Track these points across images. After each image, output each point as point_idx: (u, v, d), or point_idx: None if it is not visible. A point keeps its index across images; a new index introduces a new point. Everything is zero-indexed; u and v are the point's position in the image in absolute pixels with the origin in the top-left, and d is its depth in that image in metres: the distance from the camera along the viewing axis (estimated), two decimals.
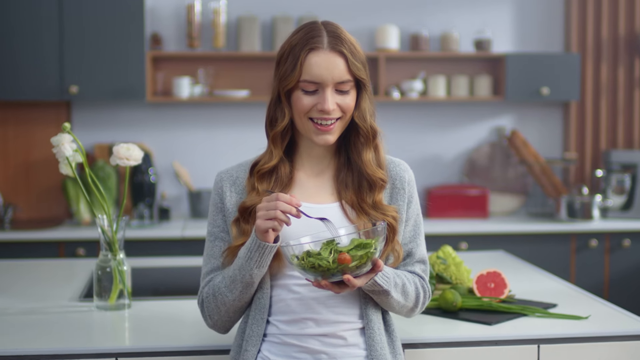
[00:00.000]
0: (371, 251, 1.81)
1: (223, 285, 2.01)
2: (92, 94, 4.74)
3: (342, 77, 2.00)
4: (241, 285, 1.97)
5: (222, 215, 2.10)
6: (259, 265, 1.93)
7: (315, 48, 1.99)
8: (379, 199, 2.04)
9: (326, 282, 1.83)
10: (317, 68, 1.98)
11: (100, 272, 2.64)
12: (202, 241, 4.43)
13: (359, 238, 1.82)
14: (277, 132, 2.08)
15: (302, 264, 1.82)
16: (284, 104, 2.05)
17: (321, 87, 2.00)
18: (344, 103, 2.01)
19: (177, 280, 3.37)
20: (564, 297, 2.80)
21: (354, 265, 1.80)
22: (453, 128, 5.35)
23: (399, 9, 5.26)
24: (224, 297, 2.01)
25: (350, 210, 2.04)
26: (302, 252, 1.83)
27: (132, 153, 2.58)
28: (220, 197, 2.11)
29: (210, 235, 2.12)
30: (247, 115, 5.20)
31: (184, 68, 5.09)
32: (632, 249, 4.88)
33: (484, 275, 2.66)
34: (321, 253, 1.81)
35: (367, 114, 2.06)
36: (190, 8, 4.95)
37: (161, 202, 4.97)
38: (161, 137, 5.15)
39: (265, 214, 1.87)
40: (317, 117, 2.00)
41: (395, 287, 1.99)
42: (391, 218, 2.02)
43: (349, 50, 2.01)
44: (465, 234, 4.73)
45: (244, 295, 2.00)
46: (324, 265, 1.80)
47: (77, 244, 4.50)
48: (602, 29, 5.30)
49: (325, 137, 2.02)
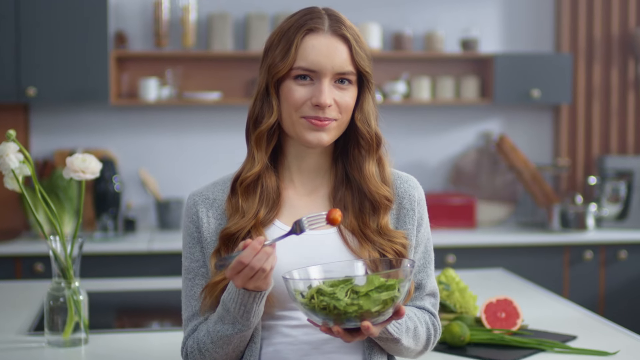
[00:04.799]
0: (396, 295, 1.49)
1: (209, 341, 1.68)
2: (51, 97, 4.53)
3: (343, 67, 1.68)
4: (238, 339, 1.65)
5: (199, 247, 1.76)
6: (257, 313, 1.62)
7: (315, 29, 1.68)
8: (385, 222, 1.71)
9: (338, 329, 1.50)
10: (315, 53, 1.66)
11: (52, 303, 2.30)
12: (171, 256, 4.26)
13: (379, 277, 1.51)
14: (262, 131, 1.72)
15: (311, 304, 1.50)
16: (273, 97, 1.71)
17: (317, 77, 1.67)
18: (343, 100, 1.69)
19: (142, 307, 3.04)
20: (583, 327, 2.50)
21: (376, 311, 1.48)
22: (438, 133, 5.17)
23: (380, 6, 5.07)
24: (213, 354, 1.69)
25: (352, 237, 1.71)
26: (308, 287, 1.51)
27: (88, 165, 2.23)
28: (196, 225, 1.77)
29: (187, 272, 1.77)
30: (219, 119, 4.99)
31: (150, 68, 4.89)
32: (628, 261, 4.68)
33: (493, 304, 2.36)
34: (336, 293, 1.48)
35: (371, 118, 1.74)
36: (158, 4, 4.77)
37: (126, 213, 4.74)
38: (126, 143, 4.93)
39: (245, 276, 1.54)
40: (310, 115, 1.67)
41: (407, 333, 1.67)
42: (400, 246, 1.70)
43: (353, 37, 1.69)
44: (452, 246, 4.51)
45: (240, 345, 1.68)
46: (340, 308, 1.47)
47: (34, 259, 4.22)
48: (595, 28, 5.15)
49: (319, 135, 1.68)
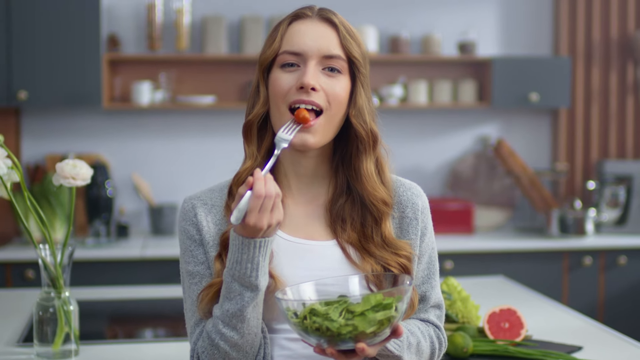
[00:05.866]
0: (392, 315, 1.42)
1: (222, 326, 1.58)
2: (43, 100, 4.48)
3: (330, 50, 1.62)
4: (251, 311, 1.56)
5: (202, 249, 1.68)
6: (264, 269, 1.55)
7: (302, 16, 1.64)
8: (388, 232, 1.64)
9: (332, 350, 1.43)
10: (300, 36, 1.62)
11: (42, 313, 2.22)
12: (164, 262, 4.18)
13: (376, 295, 1.43)
14: (251, 121, 1.67)
15: (303, 325, 1.43)
16: (262, 87, 1.66)
17: (303, 62, 1.61)
18: (330, 88, 1.61)
19: (135, 317, 2.96)
20: (589, 337, 2.43)
21: (371, 332, 1.41)
22: (435, 137, 5.13)
23: (377, 9, 5.03)
24: (228, 341, 1.58)
25: (353, 250, 1.64)
26: (302, 306, 1.44)
27: (79, 171, 2.16)
28: (197, 227, 1.68)
29: (192, 276, 1.68)
30: (213, 123, 4.94)
31: (144, 72, 4.85)
32: (628, 266, 4.63)
33: (496, 314, 2.29)
34: (329, 313, 1.41)
35: (365, 113, 1.66)
36: (151, 7, 4.73)
37: (119, 218, 4.69)
38: (119, 147, 4.88)
39: (266, 210, 1.49)
40: (295, 100, 1.60)
41: (409, 349, 1.60)
42: (405, 259, 1.63)
43: (342, 24, 1.64)
44: (450, 252, 4.46)
45: (255, 326, 1.58)
46: (333, 330, 1.40)
47: (25, 266, 4.14)
48: (593, 31, 5.12)
49: (303, 137, 1.60)
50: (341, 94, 1.63)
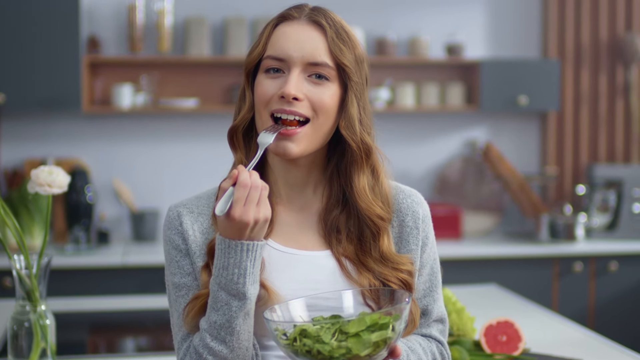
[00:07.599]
0: (389, 335, 1.32)
1: (209, 340, 1.48)
2: (21, 103, 4.42)
3: (315, 57, 1.52)
4: (241, 323, 1.46)
5: (189, 260, 1.58)
6: (254, 276, 1.46)
7: (289, 17, 1.55)
8: (386, 247, 1.55)
9: None
10: (284, 40, 1.53)
11: (17, 327, 2.11)
12: (146, 269, 4.11)
13: (371, 315, 1.34)
14: (236, 125, 1.59)
15: (293, 347, 1.33)
16: (247, 91, 1.58)
17: (287, 68, 1.52)
18: (316, 97, 1.52)
19: (116, 329, 2.87)
20: (589, 350, 2.36)
21: (366, 355, 1.31)
22: (422, 140, 5.08)
23: (363, 10, 4.97)
24: (219, 354, 1.48)
25: (348, 264, 1.55)
26: (291, 326, 1.35)
27: (55, 178, 2.06)
28: (183, 236, 1.59)
29: (178, 289, 1.59)
30: (196, 126, 4.88)
31: (125, 74, 4.79)
32: (619, 273, 4.57)
33: (493, 326, 2.21)
34: (321, 335, 1.31)
35: (355, 123, 1.56)
36: (132, 8, 4.66)
37: (99, 225, 4.60)
38: (99, 152, 4.81)
39: (252, 202, 1.43)
40: (277, 109, 1.51)
41: None
42: (406, 274, 1.54)
43: (332, 27, 1.53)
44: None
45: (245, 340, 1.49)
46: (325, 353, 1.30)
47: (3, 274, 4.06)
48: (583, 33, 5.07)
49: (284, 145, 1.51)
50: (328, 103, 1.54)
